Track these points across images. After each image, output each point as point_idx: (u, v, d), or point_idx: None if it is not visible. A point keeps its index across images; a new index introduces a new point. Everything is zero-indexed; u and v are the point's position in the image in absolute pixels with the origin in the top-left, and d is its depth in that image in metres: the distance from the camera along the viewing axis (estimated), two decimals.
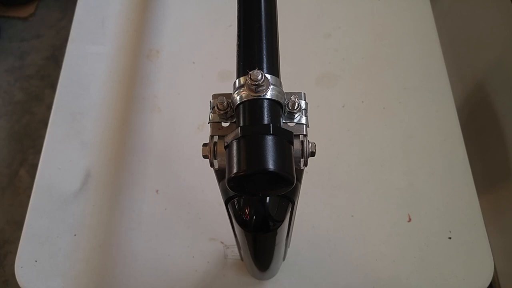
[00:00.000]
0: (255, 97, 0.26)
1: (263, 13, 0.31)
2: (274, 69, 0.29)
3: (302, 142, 0.27)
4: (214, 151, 0.27)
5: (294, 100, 0.27)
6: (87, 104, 0.69)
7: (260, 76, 0.26)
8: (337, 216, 0.59)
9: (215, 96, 0.29)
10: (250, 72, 0.26)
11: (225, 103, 0.28)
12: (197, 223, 0.59)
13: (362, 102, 0.67)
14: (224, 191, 0.31)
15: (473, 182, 0.61)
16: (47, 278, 0.56)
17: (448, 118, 0.66)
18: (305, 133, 0.28)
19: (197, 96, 0.68)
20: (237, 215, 0.30)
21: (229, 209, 0.31)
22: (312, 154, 0.27)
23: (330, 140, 0.64)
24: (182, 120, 0.67)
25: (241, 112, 0.27)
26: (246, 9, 0.32)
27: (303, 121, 0.28)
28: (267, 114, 0.26)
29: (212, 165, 0.28)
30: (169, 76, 0.71)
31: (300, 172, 0.30)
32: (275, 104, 0.27)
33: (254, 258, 0.42)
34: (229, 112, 0.28)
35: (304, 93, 0.29)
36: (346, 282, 0.55)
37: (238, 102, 0.27)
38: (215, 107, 0.28)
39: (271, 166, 0.23)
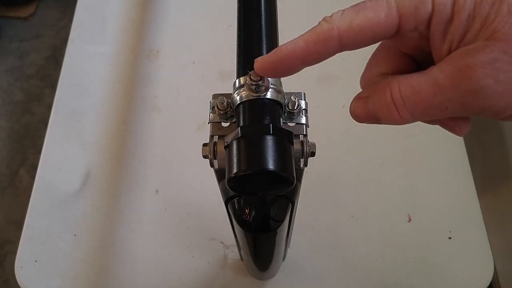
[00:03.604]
0: (255, 97, 0.26)
1: (263, 13, 0.31)
2: None
3: (302, 142, 0.27)
4: (214, 151, 0.27)
5: (294, 100, 0.27)
6: (87, 104, 0.68)
7: (260, 76, 0.26)
8: (337, 216, 0.59)
9: (215, 96, 0.28)
10: (250, 72, 0.26)
11: (225, 103, 0.28)
12: (197, 223, 0.59)
13: None
14: (224, 191, 0.31)
15: (473, 182, 0.61)
16: (47, 278, 0.56)
17: None
18: (305, 133, 0.28)
19: (197, 96, 0.68)
20: (237, 215, 0.30)
21: (229, 209, 0.31)
22: (312, 154, 0.27)
23: (330, 140, 0.64)
24: (182, 120, 0.67)
25: (241, 112, 0.27)
26: (246, 9, 0.32)
27: (303, 121, 0.28)
28: (267, 114, 0.26)
29: (212, 165, 0.28)
30: (169, 76, 0.71)
31: (300, 172, 0.30)
32: (275, 104, 0.27)
33: (254, 258, 0.42)
34: (229, 112, 0.28)
35: (304, 93, 0.29)
36: (346, 282, 0.55)
37: (238, 102, 0.27)
38: (215, 107, 0.28)
39: (271, 166, 0.23)
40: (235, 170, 0.24)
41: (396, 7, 0.21)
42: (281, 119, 0.27)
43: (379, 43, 0.25)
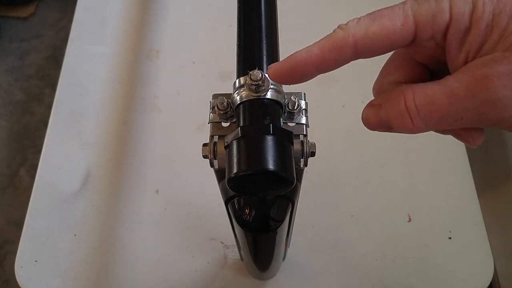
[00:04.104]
0: (255, 97, 0.26)
1: (263, 13, 0.31)
2: None
3: (302, 142, 0.27)
4: (214, 151, 0.27)
5: (294, 100, 0.27)
6: (87, 104, 0.68)
7: (260, 76, 0.26)
8: (337, 216, 0.59)
9: (215, 96, 0.28)
10: (250, 72, 0.26)
11: (225, 103, 0.28)
12: (197, 223, 0.59)
13: (362, 102, 0.67)
14: (224, 191, 0.31)
15: (473, 182, 0.61)
16: (47, 278, 0.56)
17: None
18: (305, 133, 0.28)
19: (197, 96, 0.68)
20: (237, 215, 0.30)
21: (229, 209, 0.31)
22: (312, 154, 0.27)
23: (330, 140, 0.64)
24: (182, 120, 0.67)
25: (241, 112, 0.27)
26: (246, 9, 0.32)
27: (303, 121, 0.28)
28: (267, 114, 0.26)
29: (212, 165, 0.28)
30: (169, 76, 0.71)
31: (300, 172, 0.30)
32: (275, 104, 0.27)
33: (254, 258, 0.42)
34: (229, 112, 0.28)
35: (304, 93, 0.29)
36: (346, 282, 0.55)
37: (238, 102, 0.27)
38: (215, 107, 0.28)
39: (271, 166, 0.23)
40: (235, 170, 0.24)
41: (413, 15, 0.21)
42: (281, 119, 0.27)
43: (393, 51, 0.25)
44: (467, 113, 0.20)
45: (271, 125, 0.25)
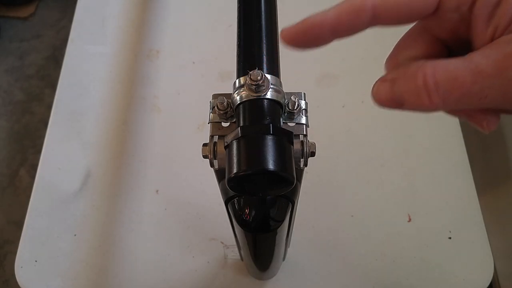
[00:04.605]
0: (255, 97, 0.26)
1: (263, 13, 0.31)
2: (274, 69, 0.29)
3: (302, 142, 0.27)
4: (214, 151, 0.27)
5: (294, 100, 0.27)
6: (87, 104, 0.68)
7: (260, 76, 0.26)
8: (337, 216, 0.59)
9: (215, 96, 0.28)
10: (250, 72, 0.26)
11: (225, 103, 0.28)
12: (197, 223, 0.59)
13: (362, 102, 0.67)
14: (224, 191, 0.31)
15: (473, 182, 0.61)
16: (47, 278, 0.56)
17: (448, 118, 0.66)
18: (305, 133, 0.28)
19: (197, 96, 0.68)
20: (237, 215, 0.30)
21: (229, 209, 0.31)
22: (312, 154, 0.27)
23: (330, 140, 0.64)
24: (182, 120, 0.67)
25: (241, 112, 0.27)
26: (246, 9, 0.32)
27: (303, 121, 0.28)
28: (267, 114, 0.26)
29: (212, 165, 0.28)
30: (169, 76, 0.71)
31: (300, 172, 0.30)
32: (275, 104, 0.27)
33: (254, 258, 0.42)
34: (229, 112, 0.28)
35: (304, 93, 0.29)
36: (346, 282, 0.55)
37: (238, 102, 0.27)
38: (215, 107, 0.28)
39: (271, 166, 0.23)
40: (235, 170, 0.24)
41: None
42: (281, 119, 0.27)
43: (410, 26, 0.23)
44: (492, 90, 0.18)
45: (271, 125, 0.25)
